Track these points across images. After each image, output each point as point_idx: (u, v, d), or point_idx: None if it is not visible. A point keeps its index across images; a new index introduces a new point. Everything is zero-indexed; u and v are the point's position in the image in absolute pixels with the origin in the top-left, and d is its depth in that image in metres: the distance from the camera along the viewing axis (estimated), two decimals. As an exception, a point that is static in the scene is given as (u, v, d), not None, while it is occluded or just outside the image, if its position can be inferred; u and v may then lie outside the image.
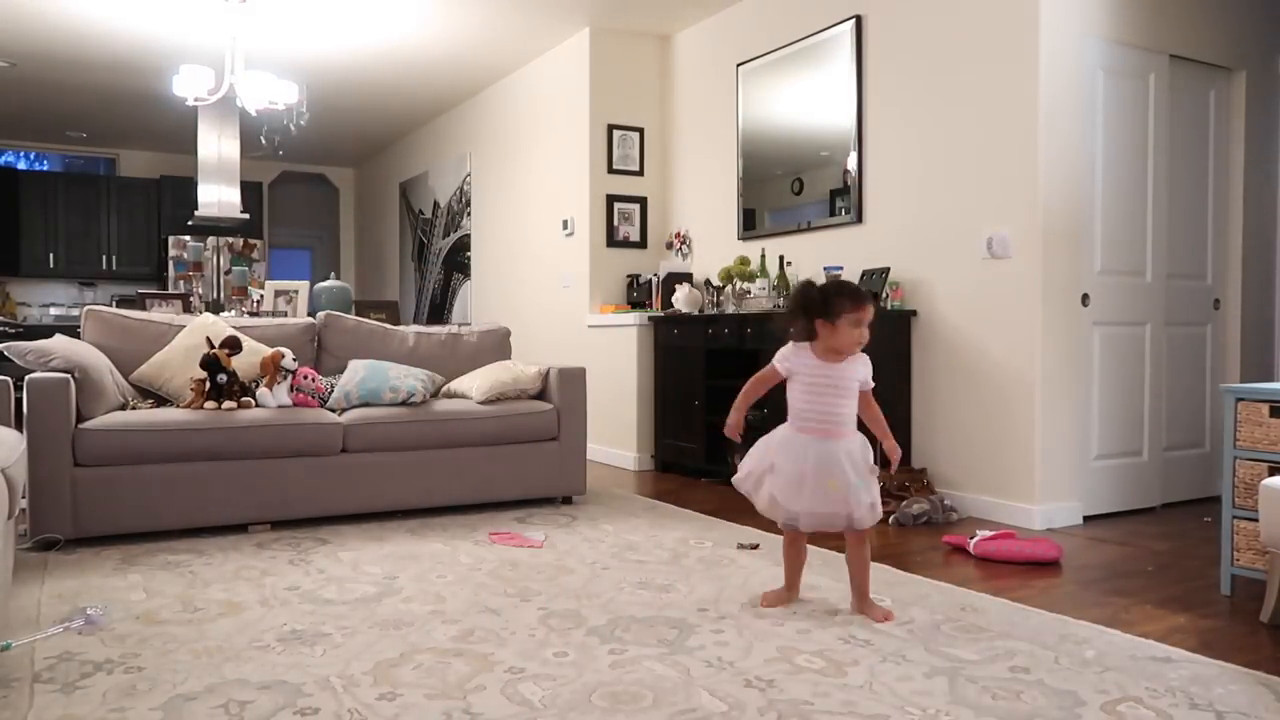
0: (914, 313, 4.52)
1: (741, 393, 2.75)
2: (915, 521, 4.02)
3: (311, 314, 5.87)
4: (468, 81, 7.56)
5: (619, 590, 2.93)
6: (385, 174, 10.30)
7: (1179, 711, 2.01)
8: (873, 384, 2.69)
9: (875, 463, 2.68)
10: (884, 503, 4.11)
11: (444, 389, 4.52)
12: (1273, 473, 2.80)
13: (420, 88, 7.76)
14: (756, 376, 2.75)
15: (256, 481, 3.79)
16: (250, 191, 9.41)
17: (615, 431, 5.94)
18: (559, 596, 2.86)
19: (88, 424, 3.56)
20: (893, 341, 4.48)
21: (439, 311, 8.80)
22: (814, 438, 2.60)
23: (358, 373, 4.24)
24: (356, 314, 5.68)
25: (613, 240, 6.20)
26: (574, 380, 4.47)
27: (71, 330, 4.42)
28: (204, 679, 2.16)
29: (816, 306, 2.60)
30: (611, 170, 6.19)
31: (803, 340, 2.64)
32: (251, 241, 9.73)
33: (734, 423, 2.77)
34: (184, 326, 4.24)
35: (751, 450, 2.73)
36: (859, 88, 4.80)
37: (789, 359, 2.67)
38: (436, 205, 8.82)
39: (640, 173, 6.29)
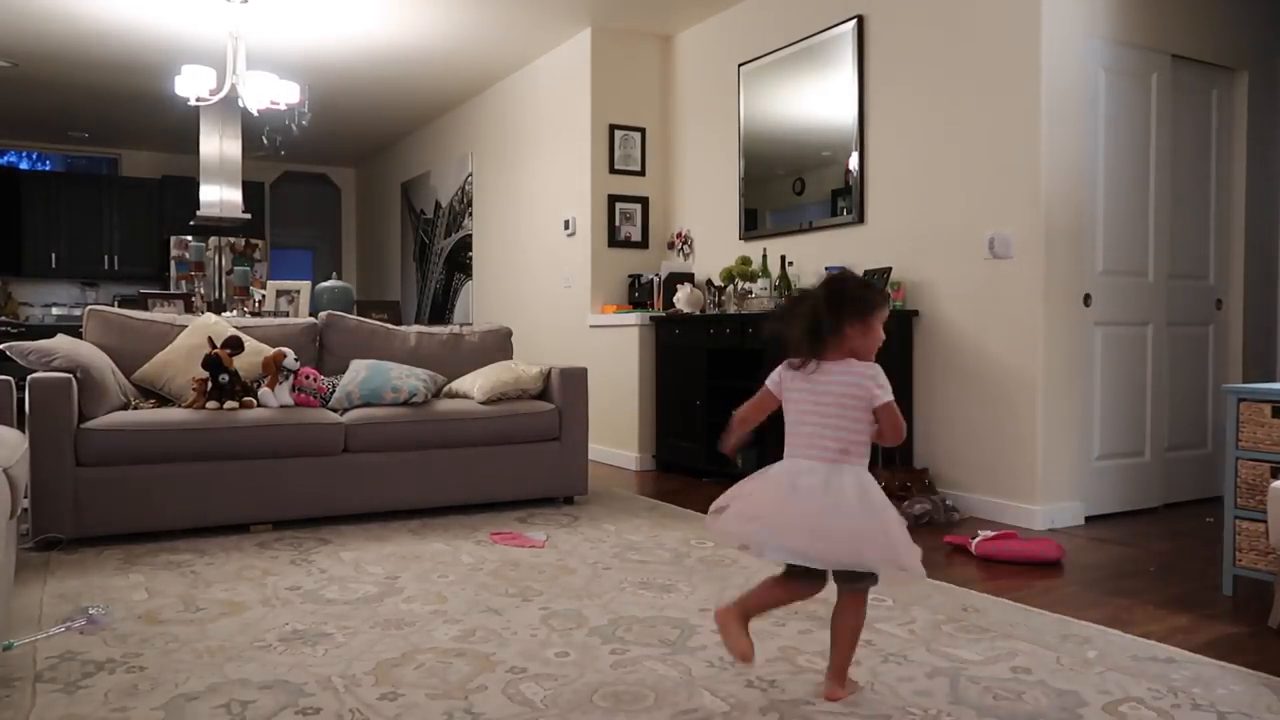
0: (916, 313, 4.52)
1: None
2: (917, 522, 4.02)
3: (313, 314, 5.87)
4: (469, 81, 7.56)
5: (620, 590, 2.93)
6: (387, 174, 10.30)
7: (1181, 712, 2.01)
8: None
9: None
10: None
11: (446, 389, 4.52)
12: (1275, 473, 2.80)
13: (422, 88, 7.77)
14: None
15: (258, 481, 3.80)
16: (252, 191, 9.40)
17: (617, 431, 5.94)
18: (560, 596, 2.86)
19: (90, 424, 3.57)
20: (895, 342, 4.48)
21: (441, 311, 8.81)
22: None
23: (359, 373, 4.25)
24: (358, 314, 5.67)
25: (614, 240, 6.20)
26: (575, 380, 4.47)
27: (74, 330, 4.42)
28: (206, 679, 2.16)
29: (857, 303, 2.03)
30: (613, 170, 6.19)
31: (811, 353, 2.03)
32: (253, 241, 9.74)
33: None
34: (186, 326, 4.25)
35: None
36: (860, 88, 4.80)
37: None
38: (438, 205, 8.82)
39: (642, 173, 6.28)
